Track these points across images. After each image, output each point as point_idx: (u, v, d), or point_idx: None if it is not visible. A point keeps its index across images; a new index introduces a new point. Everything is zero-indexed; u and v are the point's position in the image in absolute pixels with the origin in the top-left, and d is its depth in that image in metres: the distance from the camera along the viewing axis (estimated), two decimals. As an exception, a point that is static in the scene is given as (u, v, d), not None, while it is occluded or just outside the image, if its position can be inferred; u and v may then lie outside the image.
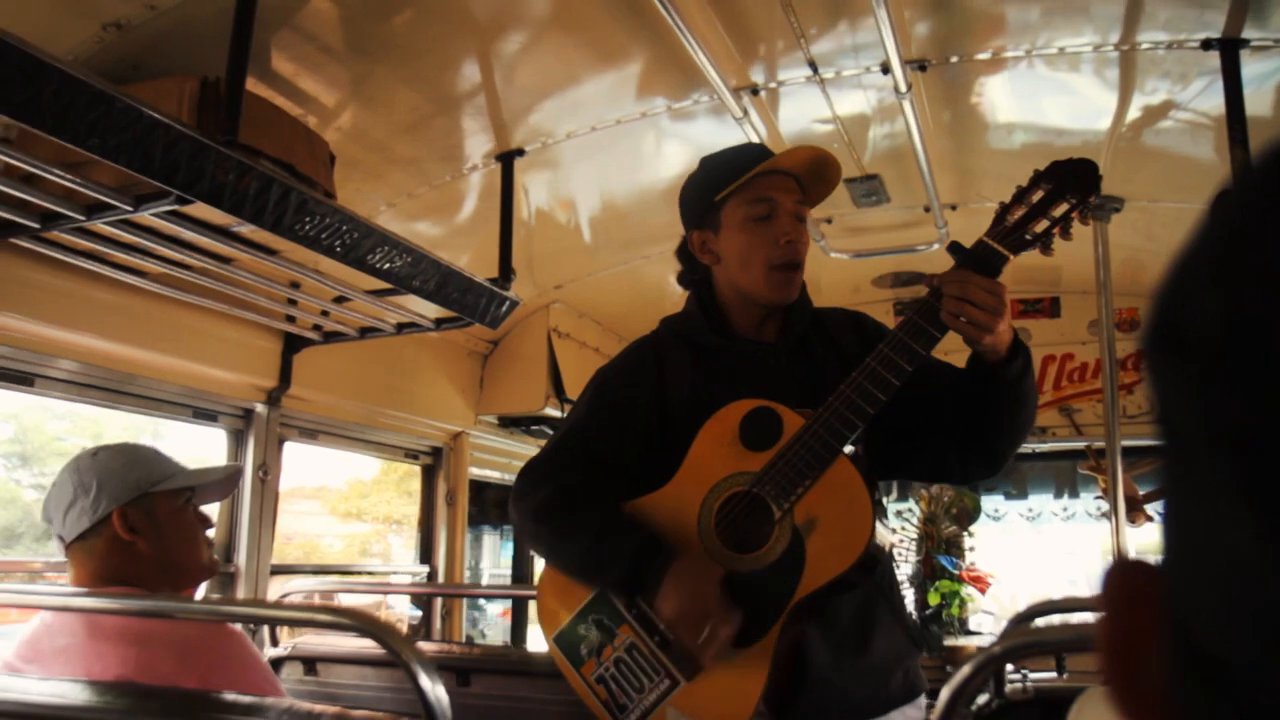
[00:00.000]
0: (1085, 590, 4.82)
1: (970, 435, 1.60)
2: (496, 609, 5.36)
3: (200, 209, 1.85)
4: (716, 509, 1.57)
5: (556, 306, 3.91)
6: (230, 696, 1.35)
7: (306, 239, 2.01)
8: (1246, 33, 2.16)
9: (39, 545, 3.19)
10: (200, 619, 1.59)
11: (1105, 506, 3.69)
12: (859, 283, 4.12)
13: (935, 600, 4.00)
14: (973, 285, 1.47)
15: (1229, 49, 2.19)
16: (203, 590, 1.98)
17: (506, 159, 2.80)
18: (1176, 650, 0.32)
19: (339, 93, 2.41)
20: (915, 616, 4.00)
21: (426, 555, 3.80)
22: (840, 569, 1.49)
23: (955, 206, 3.22)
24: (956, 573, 4.05)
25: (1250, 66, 2.20)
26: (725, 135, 2.66)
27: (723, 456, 1.59)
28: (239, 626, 1.72)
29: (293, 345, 2.91)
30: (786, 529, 1.52)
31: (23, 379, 2.28)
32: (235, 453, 2.90)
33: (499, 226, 2.81)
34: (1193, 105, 2.51)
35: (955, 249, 1.55)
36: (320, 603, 2.87)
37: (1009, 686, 1.75)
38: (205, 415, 2.80)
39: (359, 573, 4.17)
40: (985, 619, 4.17)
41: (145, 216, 1.87)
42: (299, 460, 3.11)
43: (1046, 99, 2.63)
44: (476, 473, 4.01)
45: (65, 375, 2.38)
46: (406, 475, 5.13)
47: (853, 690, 1.58)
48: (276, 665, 2.41)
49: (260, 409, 2.89)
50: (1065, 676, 2.21)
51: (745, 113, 2.53)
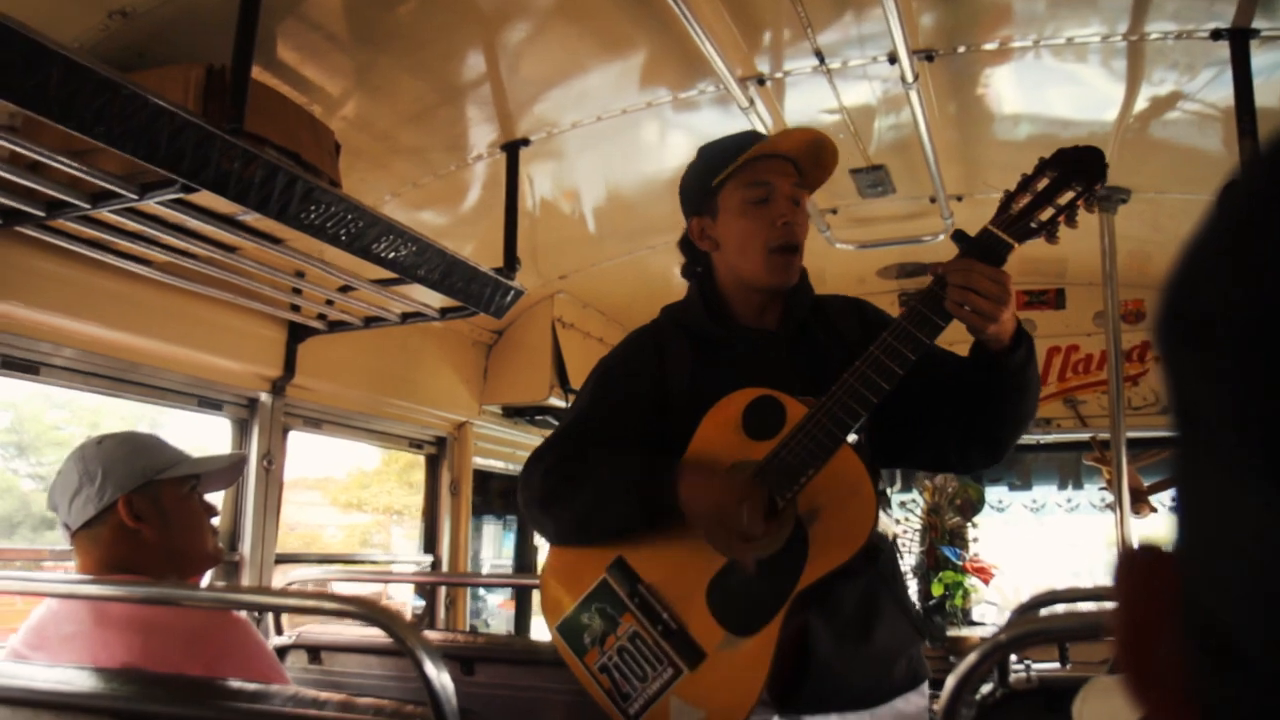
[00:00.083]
0: (1089, 581, 4.83)
1: (972, 424, 1.60)
2: (496, 600, 5.37)
3: (205, 197, 1.85)
4: None
5: (561, 296, 3.91)
6: (236, 684, 1.35)
7: (312, 228, 2.01)
8: (1256, 22, 2.14)
9: (36, 535, 3.20)
10: (206, 606, 1.60)
11: (1110, 498, 3.68)
12: (864, 274, 4.11)
13: (939, 591, 4.00)
14: (977, 274, 1.46)
15: (1238, 39, 2.17)
16: (208, 579, 1.99)
17: (511, 149, 2.79)
18: (1193, 634, 0.32)
19: (344, 81, 2.41)
20: (919, 607, 4.00)
21: (430, 545, 3.80)
22: (843, 558, 1.49)
23: (961, 197, 3.21)
24: (960, 564, 4.05)
25: (1260, 57, 2.19)
26: (731, 125, 2.64)
27: (725, 445, 1.59)
28: (244, 614, 1.73)
29: (297, 334, 2.91)
30: (789, 518, 1.52)
31: (28, 367, 2.29)
32: (240, 442, 2.90)
33: (504, 216, 2.80)
34: (1201, 96, 2.50)
35: (960, 237, 1.54)
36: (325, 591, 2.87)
37: (1013, 676, 1.75)
38: (210, 404, 2.80)
39: (364, 562, 4.18)
40: (989, 610, 4.17)
41: (150, 205, 1.87)
42: (299, 451, 3.11)
43: (1054, 90, 2.62)
44: (480, 462, 4.01)
45: (70, 364, 2.38)
46: (407, 466, 5.13)
47: (856, 678, 1.58)
48: (281, 654, 2.42)
49: (265, 398, 2.89)
50: (1069, 667, 2.21)
51: (751, 102, 2.52)
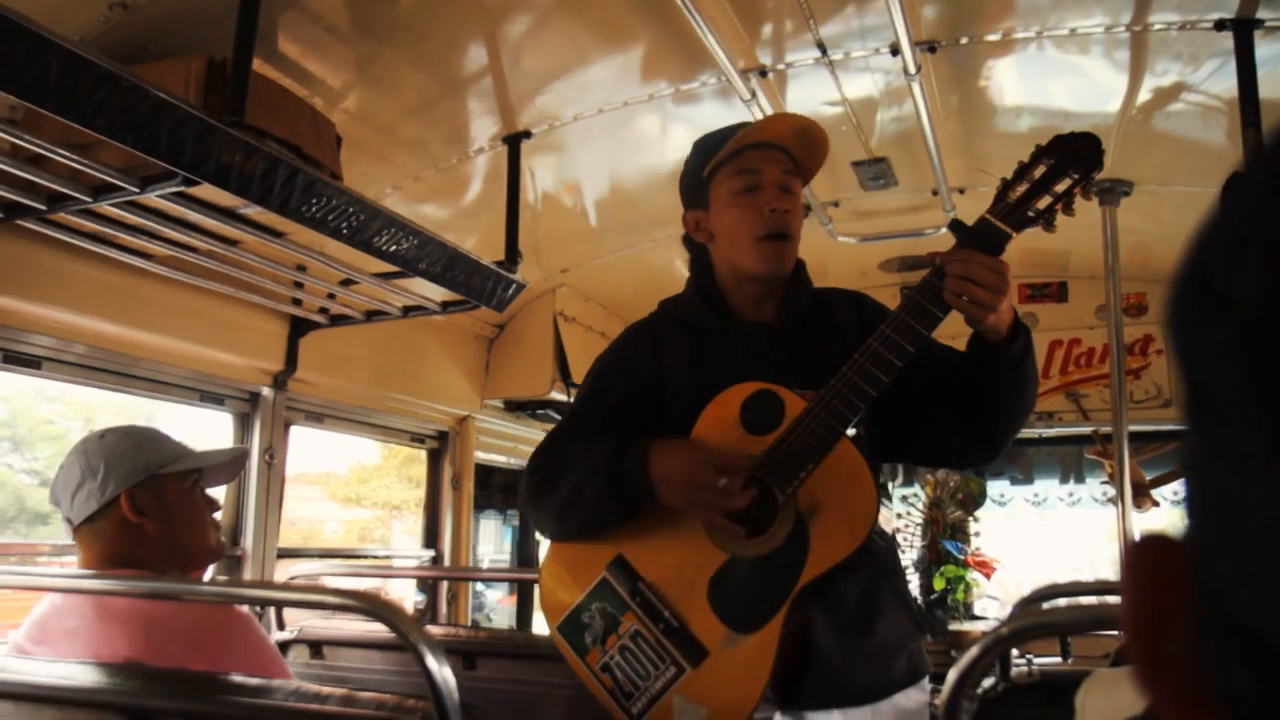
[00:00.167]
0: (1091, 575, 4.83)
1: (970, 417, 1.59)
2: (495, 595, 5.36)
3: (206, 190, 1.85)
4: None
5: (563, 290, 3.90)
6: (238, 678, 1.35)
7: (313, 221, 2.01)
8: (1260, 13, 2.13)
9: (30, 529, 3.19)
10: (208, 601, 1.60)
11: (1111, 492, 3.68)
12: (866, 267, 4.10)
13: (940, 585, 4.00)
14: (975, 264, 1.45)
15: (1242, 29, 2.16)
16: (210, 573, 1.99)
17: (513, 141, 2.78)
18: (1206, 621, 0.31)
19: (346, 74, 2.40)
20: (920, 601, 4.00)
21: (432, 539, 3.80)
22: (844, 553, 1.49)
23: (964, 190, 3.20)
24: (962, 558, 4.05)
25: (1264, 48, 2.18)
26: (733, 117, 2.60)
27: (724, 441, 1.57)
28: (247, 609, 1.73)
29: (299, 328, 2.90)
30: (790, 514, 1.51)
31: (30, 362, 2.28)
32: (241, 436, 2.90)
33: (505, 209, 2.79)
34: (1204, 87, 2.49)
35: (957, 227, 1.53)
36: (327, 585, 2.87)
37: (1014, 670, 1.75)
38: (212, 399, 2.80)
39: (366, 556, 4.18)
40: (990, 604, 4.17)
41: (151, 198, 1.87)
42: (298, 445, 3.10)
43: (1056, 81, 2.61)
44: (482, 457, 4.01)
45: (71, 358, 2.38)
46: (407, 460, 5.12)
47: (857, 674, 1.58)
48: (283, 648, 2.42)
49: (266, 392, 2.89)
50: (1071, 661, 2.21)
51: (753, 94, 2.51)
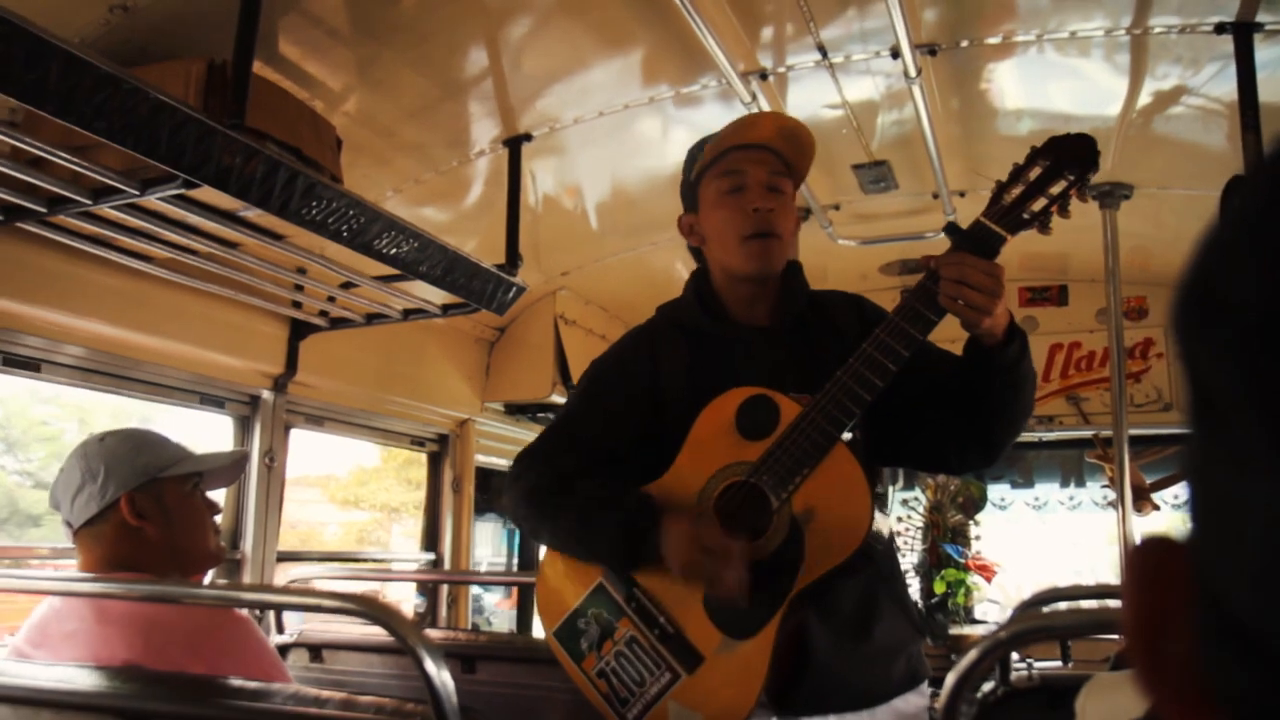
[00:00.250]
0: (1091, 579, 4.83)
1: (968, 421, 1.58)
2: (493, 598, 5.35)
3: (207, 193, 1.85)
4: (714, 499, 1.56)
5: (563, 293, 3.90)
6: (237, 682, 1.35)
7: (313, 223, 2.01)
8: (1260, 16, 2.13)
9: (22, 531, 3.18)
10: (208, 604, 1.60)
11: (1112, 495, 3.68)
12: (866, 270, 4.10)
13: (941, 589, 4.00)
14: (970, 267, 1.45)
15: (1242, 33, 2.16)
16: (210, 577, 1.98)
17: (514, 144, 2.78)
18: (1207, 623, 0.31)
19: (346, 77, 2.40)
20: (921, 605, 4.00)
21: (432, 542, 3.80)
22: (839, 559, 1.48)
23: (964, 193, 3.19)
24: (962, 561, 4.05)
25: (1264, 51, 2.18)
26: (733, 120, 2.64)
27: (720, 446, 1.57)
28: (246, 612, 1.72)
29: (299, 331, 2.90)
30: (785, 519, 1.51)
31: (29, 365, 2.28)
32: (241, 439, 2.90)
33: (506, 212, 2.79)
34: (1204, 90, 2.49)
35: (952, 230, 1.53)
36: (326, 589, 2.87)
37: (1014, 674, 1.74)
38: (212, 402, 2.80)
39: (366, 560, 4.18)
40: (991, 608, 4.16)
41: (152, 200, 1.87)
42: (297, 448, 3.10)
43: (1056, 84, 2.61)
44: (482, 460, 4.00)
45: (71, 361, 2.38)
46: (406, 463, 5.11)
47: (854, 678, 1.57)
48: (283, 652, 2.42)
49: (267, 395, 2.89)
50: (1071, 665, 2.20)
51: (753, 97, 2.51)
